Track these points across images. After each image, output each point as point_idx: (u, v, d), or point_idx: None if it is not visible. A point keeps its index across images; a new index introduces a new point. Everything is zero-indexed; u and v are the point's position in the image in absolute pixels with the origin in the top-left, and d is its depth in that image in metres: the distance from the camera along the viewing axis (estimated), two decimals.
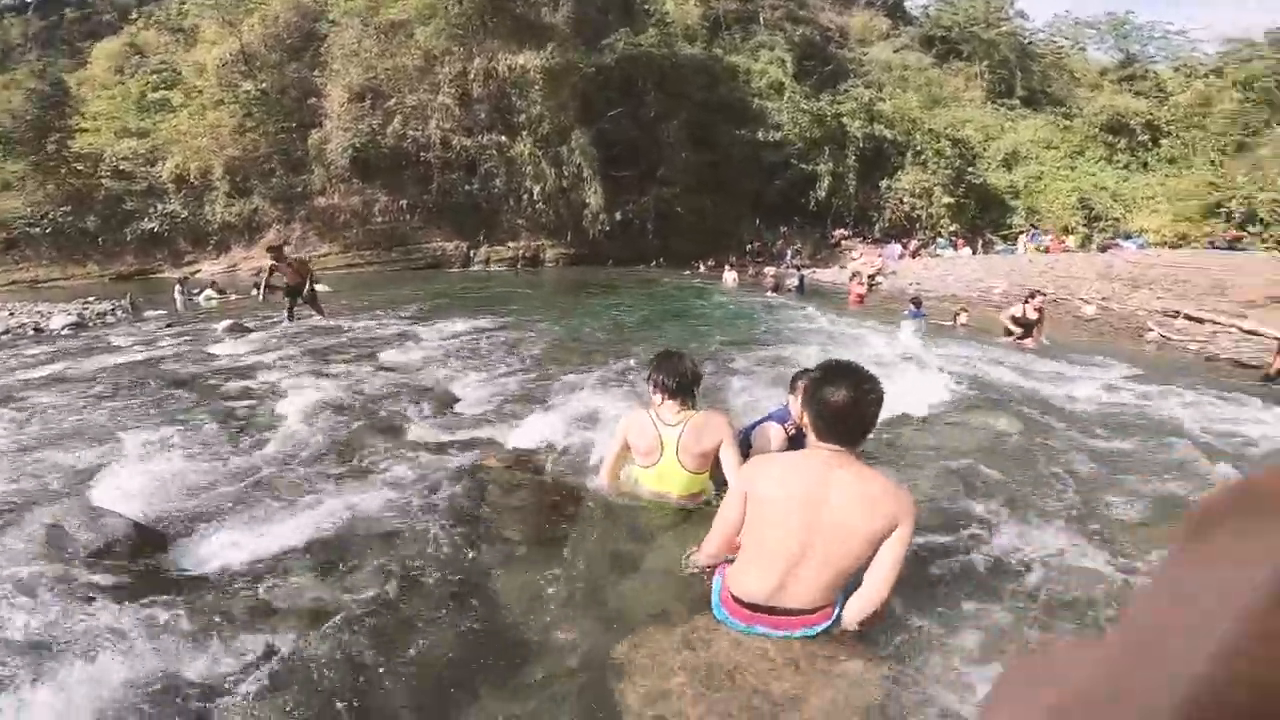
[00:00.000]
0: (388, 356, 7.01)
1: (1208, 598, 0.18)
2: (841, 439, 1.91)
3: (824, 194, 30.07)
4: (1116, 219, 28.77)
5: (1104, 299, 12.92)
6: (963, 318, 10.93)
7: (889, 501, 1.88)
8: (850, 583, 2.00)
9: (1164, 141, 32.70)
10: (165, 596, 2.30)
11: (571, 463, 3.64)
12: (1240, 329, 9.58)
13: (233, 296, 14.73)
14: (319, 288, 15.99)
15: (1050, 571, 2.62)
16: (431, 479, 3.39)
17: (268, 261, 9.85)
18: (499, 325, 9.27)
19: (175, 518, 3.02)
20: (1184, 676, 0.16)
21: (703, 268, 24.42)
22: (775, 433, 3.02)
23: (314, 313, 10.03)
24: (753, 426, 3.24)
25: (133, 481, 3.36)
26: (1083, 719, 0.19)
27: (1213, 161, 27.14)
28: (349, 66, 25.74)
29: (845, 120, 30.48)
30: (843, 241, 30.20)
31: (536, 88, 25.26)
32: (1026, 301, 8.98)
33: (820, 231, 30.58)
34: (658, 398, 2.89)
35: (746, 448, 3.03)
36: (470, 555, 2.66)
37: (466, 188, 26.00)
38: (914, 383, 5.59)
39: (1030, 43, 42.93)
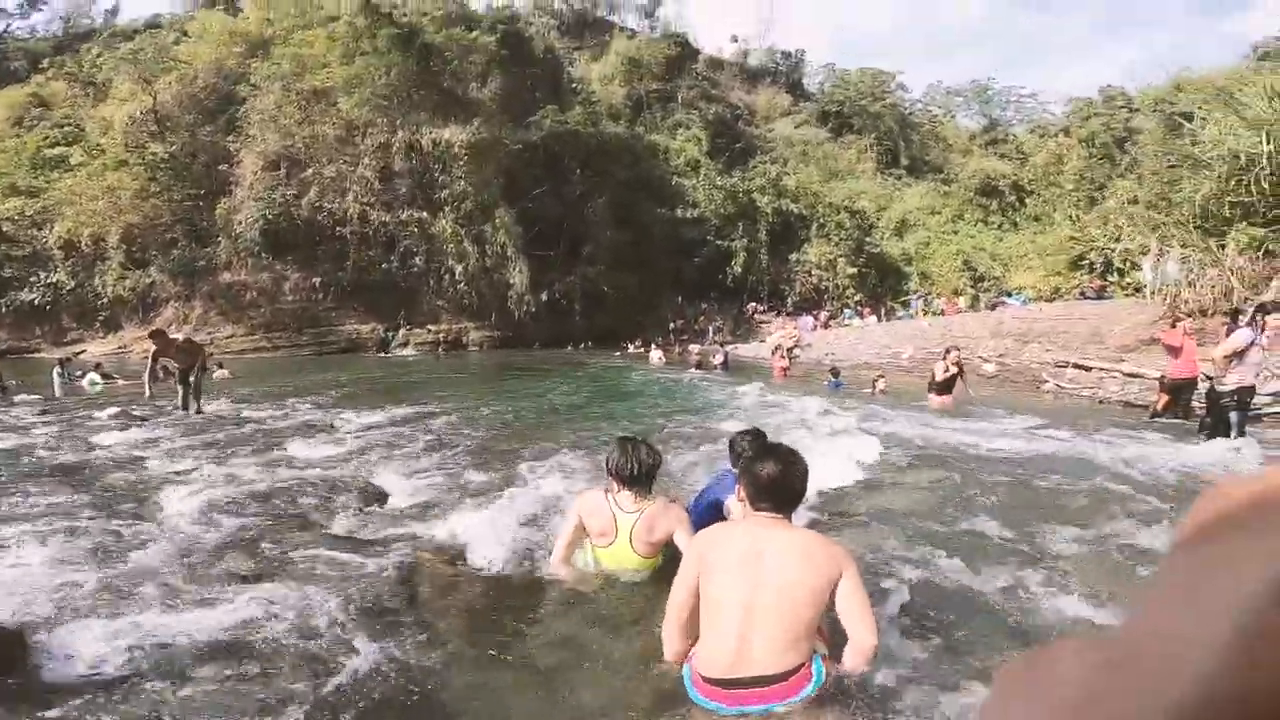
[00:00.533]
0: (299, 449, 6.44)
1: (1207, 600, 0.18)
2: (775, 507, 2.10)
3: (740, 269, 31.53)
4: (997, 277, 31.65)
5: (1000, 355, 13.95)
6: (881, 384, 11.45)
7: (826, 552, 2.03)
8: (813, 639, 2.02)
9: (1028, 201, 36.68)
10: (21, 704, 1.91)
11: (514, 553, 3.39)
12: (1122, 373, 10.53)
13: (120, 382, 13.40)
14: (221, 373, 14.96)
15: (1005, 607, 2.67)
16: (356, 577, 3.06)
17: (150, 346, 8.90)
18: (422, 414, 8.77)
19: (42, 617, 2.58)
20: (1183, 678, 0.16)
21: (630, 348, 24.43)
22: (734, 504, 2.99)
23: (192, 403, 8.92)
24: (709, 493, 3.26)
25: None
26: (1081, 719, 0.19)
27: (1070, 217, 30.46)
28: (266, 132, 25.01)
29: (755, 196, 32.47)
30: (756, 315, 31.51)
31: (461, 163, 25.33)
32: (945, 357, 9.51)
33: (738, 307, 31.80)
34: (615, 485, 2.91)
35: (710, 512, 3.03)
36: (409, 659, 2.36)
37: (384, 266, 25.29)
38: (846, 450, 5.73)
39: (910, 113, 47.84)
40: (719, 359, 17.65)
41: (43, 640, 2.39)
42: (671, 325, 29.11)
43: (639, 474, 2.86)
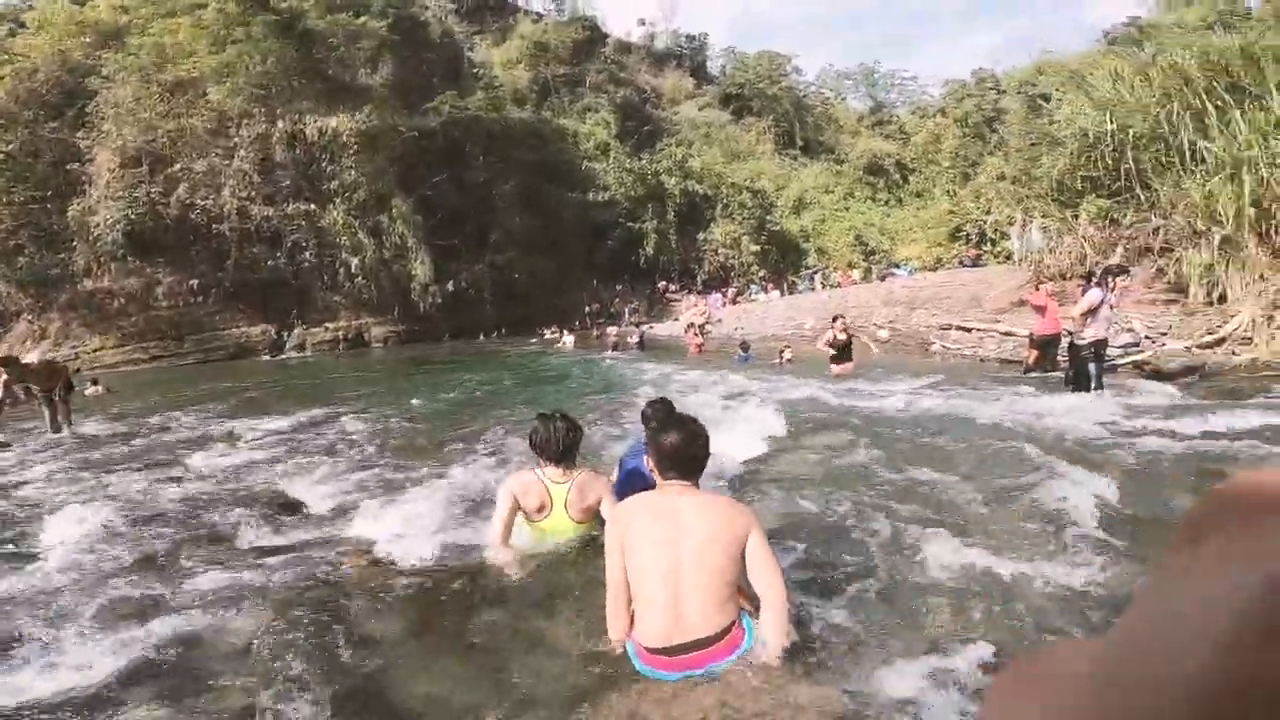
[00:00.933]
0: (195, 462, 5.98)
1: (1206, 599, 0.18)
2: (681, 474, 2.21)
3: (651, 250, 31.89)
4: (886, 251, 33.76)
5: (891, 322, 14.95)
6: (787, 354, 12.03)
7: (733, 512, 2.16)
8: (739, 598, 2.12)
9: (911, 178, 39.27)
10: None
11: (442, 545, 3.36)
12: (999, 333, 11.58)
13: None
14: (94, 389, 13.53)
15: (910, 559, 2.91)
16: (281, 588, 2.94)
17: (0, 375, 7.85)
18: (328, 415, 8.34)
19: None
20: (1183, 679, 0.17)
21: (546, 334, 24.14)
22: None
23: (63, 425, 8.17)
24: (627, 462, 3.39)
25: None
26: None
27: (948, 192, 32.92)
28: (123, 127, 22.53)
29: (664, 178, 32.85)
30: (668, 295, 32.05)
31: (351, 152, 23.96)
32: (833, 325, 10.09)
33: (651, 287, 32.20)
34: (541, 461, 3.06)
35: (631, 479, 3.17)
36: (346, 664, 2.31)
37: (270, 263, 23.58)
38: (755, 419, 6.00)
39: (804, 96, 49.74)
40: (635, 339, 17.86)
41: None
42: (587, 309, 29.07)
43: (563, 448, 3.01)
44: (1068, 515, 3.36)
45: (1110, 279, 6.76)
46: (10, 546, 3.75)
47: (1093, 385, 6.68)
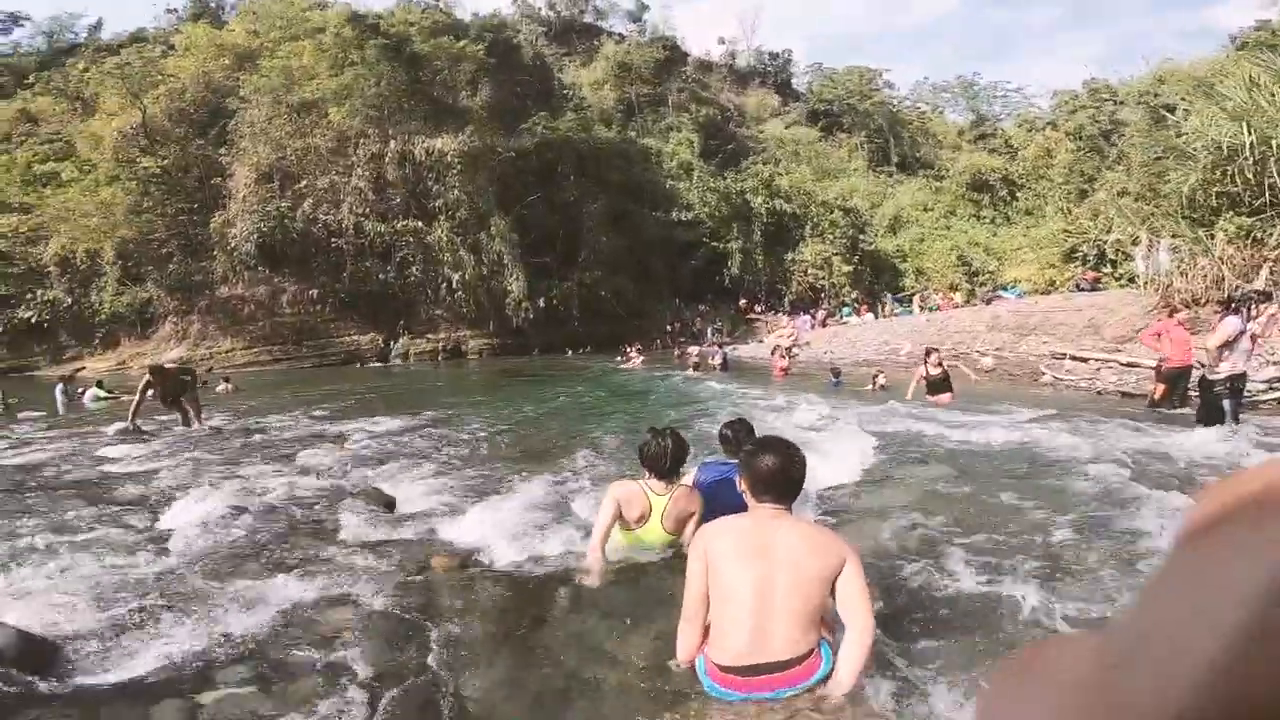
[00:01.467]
0: (306, 459, 6.49)
1: (1210, 596, 0.18)
2: (777, 498, 2.18)
3: (736, 270, 31.64)
4: (992, 272, 31.80)
5: (998, 349, 14.05)
6: (880, 379, 11.54)
7: (830, 543, 2.14)
8: (822, 626, 2.07)
9: (1019, 195, 36.89)
10: (52, 708, 1.98)
11: (526, 553, 3.47)
12: (1119, 363, 10.63)
13: (123, 397, 13.42)
14: (225, 387, 14.99)
15: (1004, 603, 2.71)
16: (373, 582, 3.12)
17: (145, 379, 8.36)
18: (427, 422, 8.81)
19: (71, 627, 2.64)
20: (1186, 677, 0.16)
21: (632, 352, 24.09)
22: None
23: (193, 420, 8.66)
24: (714, 479, 3.42)
25: (16, 589, 2.94)
26: (1077, 718, 0.19)
27: (1062, 209, 30.62)
28: (257, 145, 24.97)
29: (749, 197, 32.61)
30: (752, 315, 31.61)
31: (454, 172, 25.35)
32: (925, 360, 9.59)
33: (734, 307, 31.90)
34: (647, 473, 3.22)
35: (711, 498, 3.24)
36: (427, 660, 2.42)
37: (381, 276, 25.28)
38: (846, 447, 5.79)
39: (898, 110, 48.10)
40: (717, 360, 17.69)
41: (71, 647, 2.46)
42: (668, 327, 29.15)
43: (670, 462, 3.17)
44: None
45: (1252, 306, 6.08)
46: (138, 529, 4.18)
47: (1228, 422, 6.00)
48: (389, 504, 4.78)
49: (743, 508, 2.90)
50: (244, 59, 26.99)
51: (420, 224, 25.53)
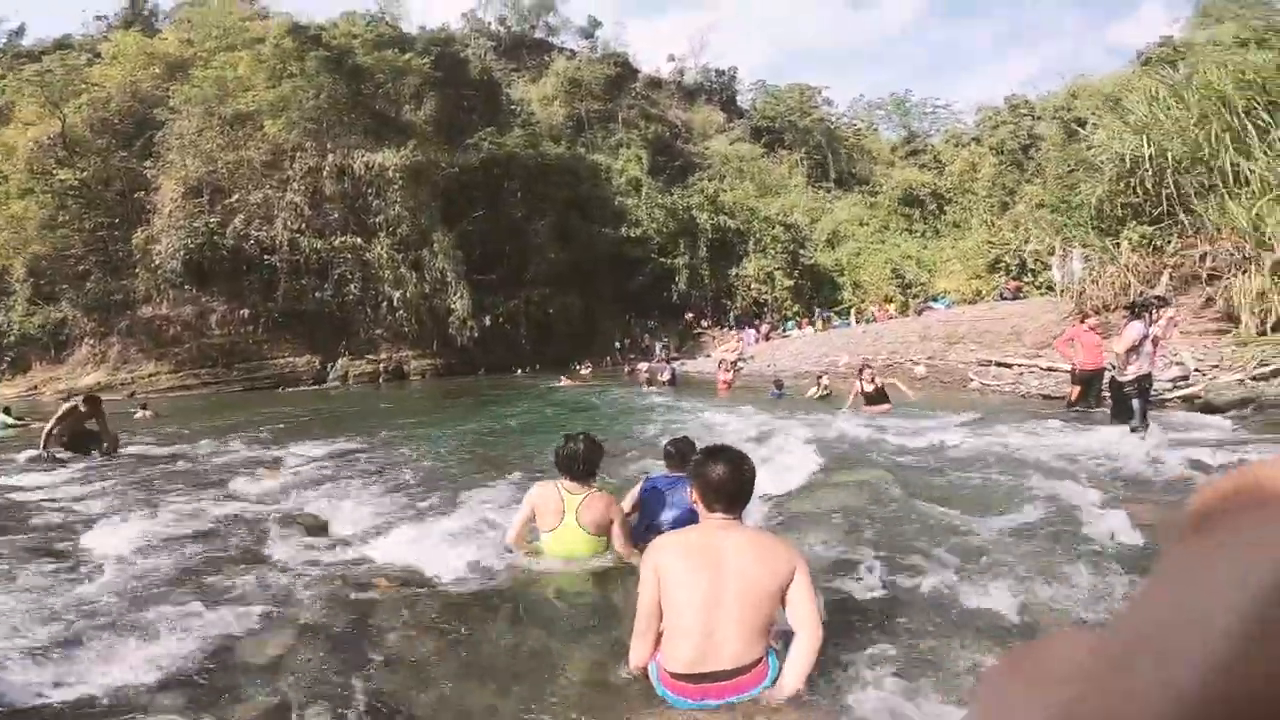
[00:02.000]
0: (238, 485, 6.19)
1: (1208, 593, 0.18)
2: (726, 507, 2.21)
3: (683, 286, 32.06)
4: (923, 283, 33.26)
5: (929, 358, 14.68)
6: (824, 380, 11.96)
7: (781, 551, 2.17)
8: (769, 635, 2.12)
9: (947, 209, 38.77)
10: None
11: (468, 569, 3.41)
12: (1040, 368, 11.26)
13: (35, 425, 12.49)
14: (143, 414, 14.12)
15: (946, 599, 2.84)
16: (311, 605, 3.02)
17: (69, 405, 7.67)
18: (365, 445, 8.51)
19: None
20: (1185, 675, 0.16)
21: (581, 369, 23.72)
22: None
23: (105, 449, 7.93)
24: (654, 484, 3.65)
25: None
26: (1076, 718, 0.19)
27: (986, 222, 32.37)
28: (186, 157, 23.96)
29: (695, 213, 33.17)
30: (697, 328, 32.06)
31: (395, 187, 24.86)
32: (859, 377, 9.99)
33: (682, 323, 32.28)
34: (562, 477, 3.37)
35: (656, 502, 3.50)
36: (372, 683, 2.35)
37: (317, 295, 24.45)
38: (784, 456, 5.93)
39: (836, 127, 49.87)
40: (666, 375, 17.85)
41: None
42: (617, 344, 29.20)
43: (581, 465, 3.33)
44: (1104, 553, 3.24)
45: (1152, 311, 6.57)
46: (58, 557, 3.92)
47: (1137, 420, 6.44)
48: (327, 528, 4.62)
49: (683, 516, 3.03)
50: (175, 69, 25.91)
51: (359, 240, 24.87)
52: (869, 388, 9.74)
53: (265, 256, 23.88)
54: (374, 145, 25.16)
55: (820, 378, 12.16)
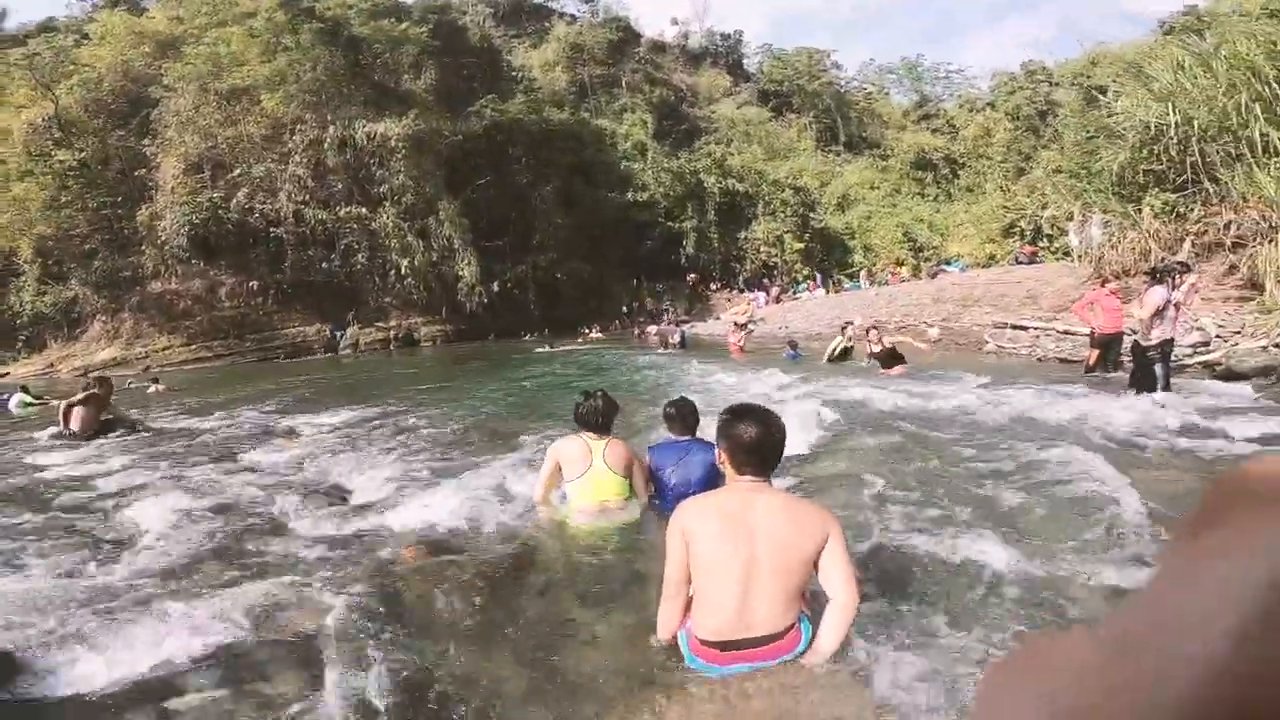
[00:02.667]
0: (257, 456, 6.25)
1: (1211, 588, 0.18)
2: (757, 469, 2.13)
3: (691, 249, 31.79)
4: (936, 247, 32.82)
5: (943, 320, 14.53)
6: (850, 330, 11.54)
7: (814, 515, 2.08)
8: (803, 600, 2.09)
9: (961, 173, 38.05)
10: None
11: (494, 536, 3.45)
12: (1057, 331, 11.14)
13: (54, 402, 12.64)
14: (156, 387, 14.25)
15: (971, 569, 2.83)
16: (340, 576, 3.05)
17: (84, 394, 7.46)
18: (381, 413, 8.52)
19: (25, 637, 2.50)
20: (1187, 670, 0.16)
21: (591, 333, 24.01)
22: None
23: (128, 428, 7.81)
24: (659, 451, 3.77)
25: None
26: (1077, 716, 0.19)
27: (1000, 187, 31.81)
28: (184, 134, 23.75)
29: (702, 176, 32.70)
30: (705, 291, 31.91)
31: (399, 156, 24.58)
32: (866, 338, 9.91)
33: (690, 286, 32.11)
34: (583, 430, 3.60)
35: (661, 471, 3.64)
36: (401, 651, 2.39)
37: (325, 265, 24.45)
38: (803, 418, 5.90)
39: (846, 91, 48.76)
40: (676, 338, 17.83)
41: (25, 659, 2.32)
42: (625, 308, 29.15)
43: (601, 419, 3.56)
44: (1118, 517, 3.23)
45: (1175, 276, 6.44)
46: (87, 536, 3.98)
47: (1159, 386, 6.37)
48: (349, 497, 4.67)
49: (691, 482, 3.20)
50: (166, 46, 25.44)
51: (364, 210, 24.72)
52: (876, 349, 9.65)
53: (271, 229, 23.80)
54: (375, 115, 24.82)
55: (845, 328, 11.81)
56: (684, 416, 3.76)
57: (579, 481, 3.45)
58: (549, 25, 43.88)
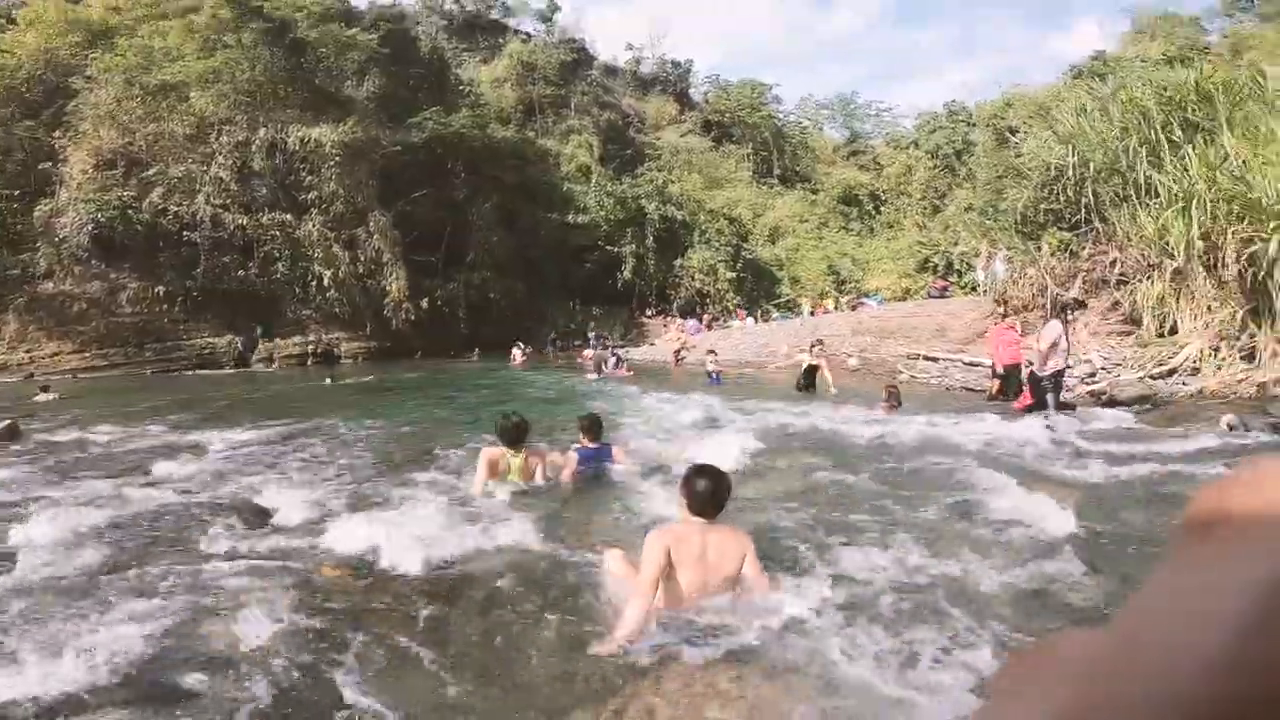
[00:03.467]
0: (161, 470, 5.85)
1: (1210, 592, 0.18)
2: (705, 514, 2.80)
3: (629, 274, 32.10)
4: (857, 281, 34.52)
5: (862, 351, 15.30)
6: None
7: (738, 541, 2.86)
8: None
9: (883, 209, 40.27)
10: None
11: (418, 557, 3.35)
12: (963, 362, 11.94)
13: None
14: (45, 396, 13.05)
15: (882, 574, 3.02)
16: (255, 596, 2.92)
17: None
18: (298, 430, 8.10)
19: None
20: (1185, 673, 0.16)
21: (519, 356, 23.55)
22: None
23: None
24: (582, 455, 4.97)
25: None
26: (1077, 714, 0.19)
27: (917, 224, 33.87)
28: (100, 128, 22.09)
29: (644, 202, 33.16)
30: (643, 319, 32.31)
31: (331, 164, 23.68)
32: (810, 350, 10.42)
33: (627, 311, 32.35)
34: (500, 444, 4.66)
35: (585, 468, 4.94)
36: (334, 678, 2.29)
37: (241, 273, 23.08)
38: (724, 443, 6.07)
39: (784, 125, 50.77)
40: (612, 363, 17.96)
41: None
42: (552, 334, 28.99)
43: (517, 435, 4.65)
44: (1019, 526, 3.52)
45: (1069, 312, 7.08)
46: None
47: (1050, 412, 6.96)
48: (262, 515, 4.45)
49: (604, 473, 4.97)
50: (98, 37, 23.80)
51: (289, 217, 23.62)
52: (815, 362, 10.52)
53: (184, 232, 22.35)
54: (311, 120, 23.87)
55: (813, 347, 11.50)
56: (593, 427, 5.10)
57: (496, 477, 4.58)
58: (503, 41, 43.60)
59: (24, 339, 20.77)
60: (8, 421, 7.69)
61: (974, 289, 18.69)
